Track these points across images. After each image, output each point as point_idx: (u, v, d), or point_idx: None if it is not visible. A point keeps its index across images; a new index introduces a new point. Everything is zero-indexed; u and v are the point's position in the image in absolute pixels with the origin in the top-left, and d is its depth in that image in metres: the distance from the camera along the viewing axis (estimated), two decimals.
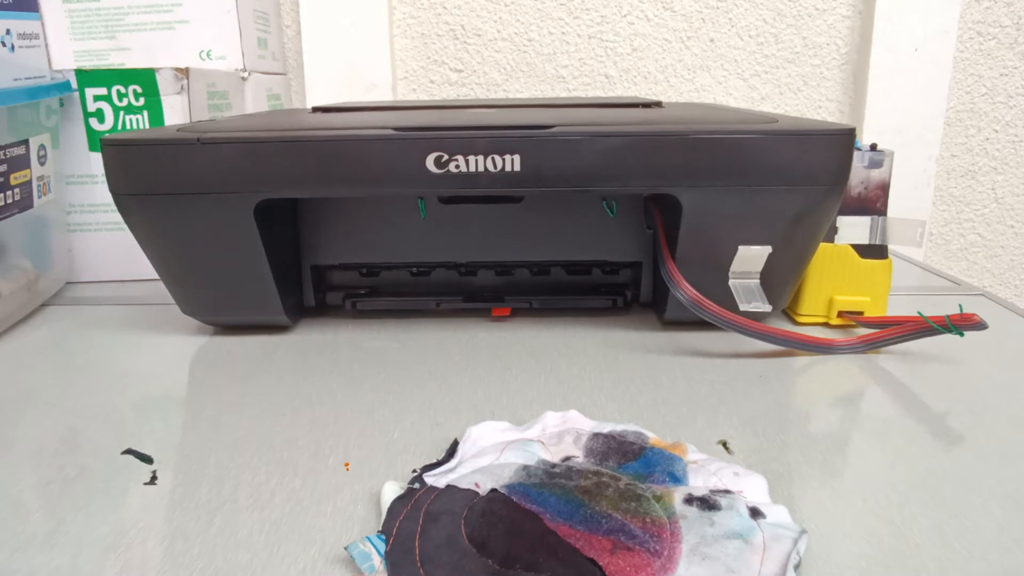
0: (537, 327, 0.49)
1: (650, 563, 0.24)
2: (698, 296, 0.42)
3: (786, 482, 0.30)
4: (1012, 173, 0.88)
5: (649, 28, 0.84)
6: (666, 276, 0.43)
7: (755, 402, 0.38)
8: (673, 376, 0.41)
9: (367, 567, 0.24)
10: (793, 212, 0.43)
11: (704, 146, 0.41)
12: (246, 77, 0.70)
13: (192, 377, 0.43)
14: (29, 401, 0.39)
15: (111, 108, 0.57)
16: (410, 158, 0.41)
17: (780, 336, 0.42)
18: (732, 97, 0.87)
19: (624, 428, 0.33)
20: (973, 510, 0.28)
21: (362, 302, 0.51)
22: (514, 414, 0.36)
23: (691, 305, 0.42)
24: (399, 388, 0.40)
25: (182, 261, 0.46)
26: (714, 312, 0.42)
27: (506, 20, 0.85)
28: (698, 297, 0.42)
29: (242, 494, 0.30)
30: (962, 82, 0.85)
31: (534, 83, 0.87)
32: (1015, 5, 0.82)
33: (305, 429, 0.35)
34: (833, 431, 0.35)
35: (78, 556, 0.26)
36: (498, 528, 0.26)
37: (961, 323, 0.41)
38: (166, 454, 0.33)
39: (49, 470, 0.32)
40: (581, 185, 0.42)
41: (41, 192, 0.54)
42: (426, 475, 0.30)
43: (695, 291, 0.42)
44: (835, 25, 0.84)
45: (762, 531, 0.25)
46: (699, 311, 0.42)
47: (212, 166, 0.42)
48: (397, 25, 0.86)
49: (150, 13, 0.68)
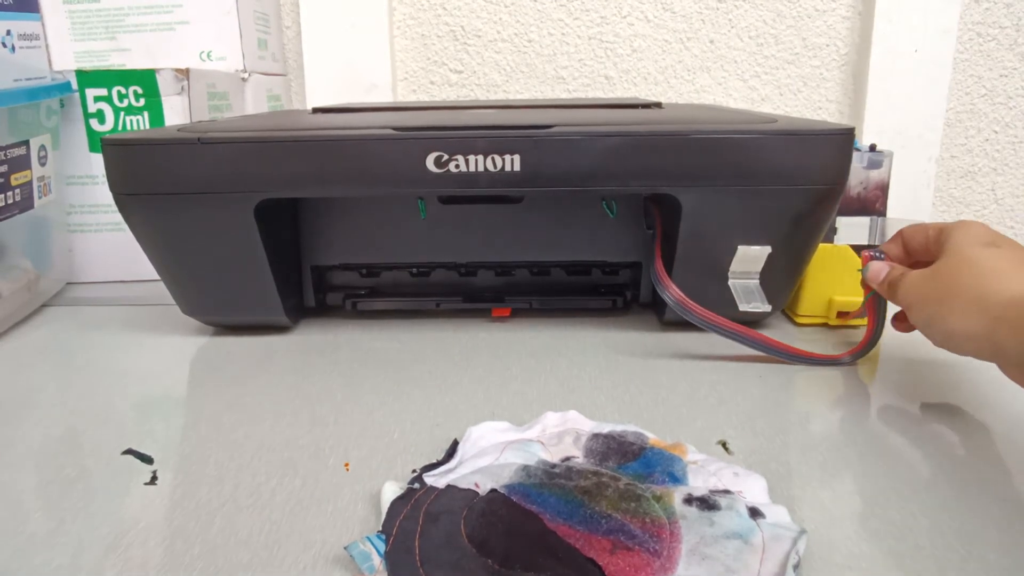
0: (537, 327, 0.49)
1: (650, 563, 0.24)
2: (683, 297, 0.42)
3: (786, 482, 0.30)
4: (1012, 174, 0.88)
5: (649, 29, 0.85)
6: (654, 277, 0.43)
7: (755, 402, 0.38)
8: (673, 376, 0.41)
9: (367, 567, 0.24)
10: (793, 212, 0.43)
11: (704, 146, 0.41)
12: (246, 78, 0.70)
13: (192, 377, 0.43)
14: (29, 401, 0.39)
15: (111, 109, 0.57)
16: (410, 158, 0.41)
17: (765, 344, 0.42)
18: (732, 98, 0.87)
19: (624, 428, 0.33)
20: (973, 510, 0.28)
21: (362, 302, 0.51)
22: (514, 414, 0.36)
23: (676, 306, 0.42)
24: (399, 388, 0.40)
25: (182, 261, 0.46)
26: (699, 314, 0.42)
27: (506, 21, 0.85)
28: (683, 298, 0.42)
29: (242, 494, 0.30)
30: (962, 83, 0.85)
31: (534, 84, 0.87)
32: (1015, 6, 0.82)
33: (305, 429, 0.35)
34: (833, 431, 0.35)
35: (78, 556, 0.26)
36: (498, 528, 0.26)
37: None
38: (166, 454, 0.33)
39: (49, 470, 0.32)
40: (581, 185, 0.42)
41: (41, 193, 0.54)
42: (426, 475, 0.30)
43: (681, 292, 0.42)
44: (835, 26, 0.84)
45: (761, 531, 0.25)
46: (684, 312, 0.42)
47: (213, 166, 0.42)
48: (397, 26, 0.86)
49: (150, 14, 0.68)
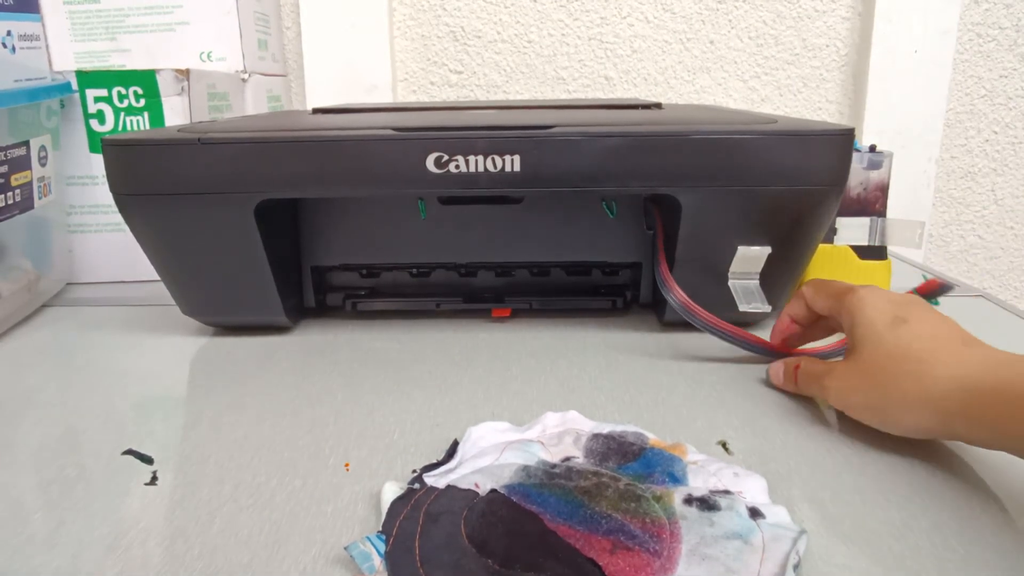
0: (537, 328, 0.49)
1: (650, 563, 0.24)
2: (688, 301, 0.42)
3: (786, 482, 0.30)
4: (1012, 175, 0.88)
5: (649, 30, 0.85)
6: (659, 279, 0.43)
7: (755, 403, 0.38)
8: (673, 377, 0.41)
9: (367, 567, 0.24)
10: (793, 213, 0.43)
11: (704, 147, 0.41)
12: (246, 78, 0.70)
13: (192, 378, 0.43)
14: (29, 401, 0.39)
15: (112, 109, 0.57)
16: (410, 158, 0.41)
17: (770, 350, 0.42)
18: (732, 99, 0.87)
19: (624, 429, 0.33)
20: (973, 510, 0.28)
21: (362, 303, 0.51)
22: (514, 415, 0.36)
23: (681, 310, 0.42)
24: (399, 389, 0.40)
25: (183, 261, 0.46)
26: (703, 319, 0.41)
27: (506, 22, 0.85)
28: (688, 302, 0.42)
29: (242, 494, 0.30)
30: (962, 84, 0.85)
31: (534, 85, 0.87)
32: (1015, 7, 0.82)
33: (305, 429, 0.35)
34: (833, 431, 0.35)
35: (78, 556, 0.26)
36: (498, 528, 0.26)
37: (929, 291, 0.40)
38: (166, 454, 0.33)
39: (49, 470, 0.32)
40: (581, 185, 0.42)
41: (42, 193, 0.54)
42: (426, 475, 0.30)
43: (686, 296, 0.42)
44: (835, 27, 0.84)
45: (762, 531, 0.25)
46: (689, 316, 0.42)
47: (213, 166, 0.42)
48: (397, 27, 0.86)
49: (151, 15, 0.68)
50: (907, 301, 0.34)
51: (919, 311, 0.33)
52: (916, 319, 0.33)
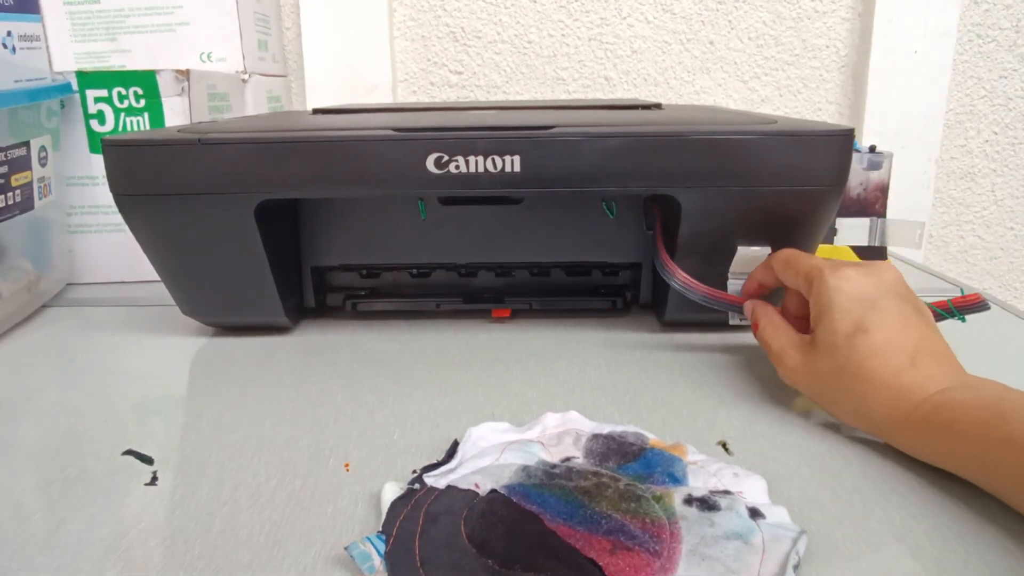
0: (537, 328, 0.49)
1: (650, 563, 0.24)
2: (689, 279, 0.42)
3: (786, 482, 0.30)
4: (1012, 175, 0.88)
5: (649, 30, 0.85)
6: (659, 265, 0.44)
7: (755, 403, 0.38)
8: (673, 377, 0.41)
9: (367, 567, 0.24)
10: (792, 213, 0.43)
11: (703, 147, 0.41)
12: (246, 79, 0.71)
13: (192, 378, 0.43)
14: (29, 402, 0.39)
15: (112, 110, 0.57)
16: (410, 159, 0.41)
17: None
18: (732, 99, 0.87)
19: (624, 429, 0.33)
20: (973, 511, 0.28)
21: (362, 303, 0.51)
22: (514, 415, 0.36)
23: (684, 290, 0.42)
24: (399, 389, 0.40)
25: (183, 262, 0.46)
26: (704, 293, 0.42)
27: (506, 22, 0.85)
28: (688, 280, 0.42)
29: (242, 495, 0.30)
30: (961, 84, 0.85)
31: (534, 85, 0.87)
32: (1014, 8, 0.82)
33: (305, 430, 0.35)
34: (833, 432, 0.35)
35: (78, 556, 0.26)
36: (498, 528, 0.26)
37: (963, 306, 0.38)
38: (166, 454, 0.33)
39: (49, 471, 0.32)
40: (581, 186, 0.42)
41: (42, 193, 0.54)
42: (426, 476, 0.30)
43: (686, 275, 0.42)
44: (835, 27, 0.84)
45: (762, 532, 0.25)
46: (691, 294, 0.42)
47: (213, 167, 0.42)
48: (397, 27, 0.86)
49: (151, 15, 0.68)
50: (873, 298, 0.33)
51: (880, 317, 0.33)
52: (876, 327, 0.33)
